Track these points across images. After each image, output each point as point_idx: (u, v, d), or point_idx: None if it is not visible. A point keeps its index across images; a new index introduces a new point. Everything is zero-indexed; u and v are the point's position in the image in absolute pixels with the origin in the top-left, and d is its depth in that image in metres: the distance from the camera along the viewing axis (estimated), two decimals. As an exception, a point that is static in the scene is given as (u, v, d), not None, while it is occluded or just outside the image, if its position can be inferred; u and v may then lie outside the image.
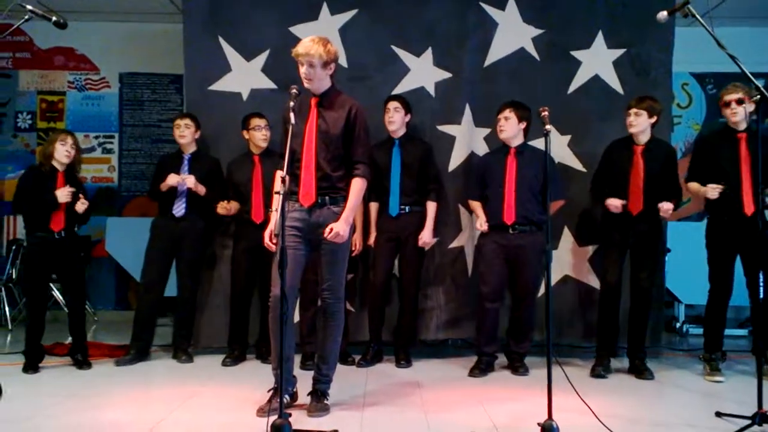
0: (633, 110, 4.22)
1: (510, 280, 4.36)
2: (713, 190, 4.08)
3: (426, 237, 4.47)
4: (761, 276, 3.21)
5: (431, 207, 4.53)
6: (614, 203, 4.23)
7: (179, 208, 4.59)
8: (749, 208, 4.05)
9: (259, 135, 4.58)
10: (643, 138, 4.25)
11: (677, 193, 4.29)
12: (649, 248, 4.28)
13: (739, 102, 4.09)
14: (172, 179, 4.52)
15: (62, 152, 4.34)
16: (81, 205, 4.32)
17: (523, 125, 4.33)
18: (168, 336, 4.94)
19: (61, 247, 4.33)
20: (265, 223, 4.32)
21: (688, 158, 4.51)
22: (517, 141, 4.35)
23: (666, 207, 4.12)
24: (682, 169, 4.39)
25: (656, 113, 4.22)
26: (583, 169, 4.83)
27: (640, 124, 4.21)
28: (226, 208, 4.56)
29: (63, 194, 4.26)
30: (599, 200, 4.40)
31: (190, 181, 4.53)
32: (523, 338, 4.43)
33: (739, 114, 4.11)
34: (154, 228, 4.68)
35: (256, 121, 4.60)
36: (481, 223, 4.36)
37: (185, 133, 4.66)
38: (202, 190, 4.57)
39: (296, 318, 4.47)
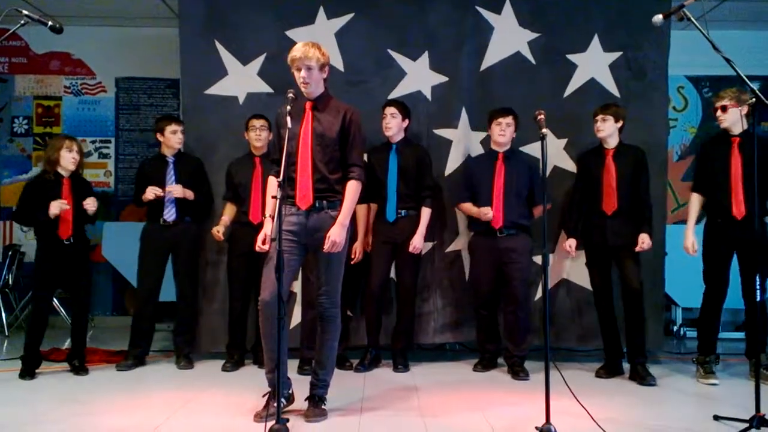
0: (599, 116, 4.34)
1: (501, 283, 4.40)
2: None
3: (416, 242, 4.44)
4: (758, 279, 3.21)
5: (425, 213, 4.51)
6: (568, 247, 4.39)
7: (170, 213, 4.57)
8: (738, 211, 4.07)
9: (252, 135, 4.58)
10: (612, 142, 4.35)
11: (645, 196, 4.29)
12: (632, 248, 4.23)
13: (723, 109, 4.12)
14: (150, 193, 4.48)
15: (68, 159, 4.32)
16: (91, 205, 4.30)
17: (515, 133, 4.46)
18: (165, 341, 4.92)
19: (71, 253, 4.32)
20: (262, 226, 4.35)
21: (684, 161, 4.52)
22: (508, 146, 4.48)
23: (647, 244, 4.19)
24: (677, 173, 4.40)
25: (621, 118, 4.34)
26: (580, 173, 4.83)
27: (607, 128, 4.32)
28: (217, 237, 4.58)
29: (55, 207, 4.21)
30: (567, 233, 4.50)
31: (177, 191, 4.51)
32: (521, 341, 4.43)
33: (726, 120, 4.15)
34: (145, 235, 4.64)
35: (252, 122, 4.61)
36: (485, 213, 4.34)
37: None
38: (190, 195, 4.57)
39: (296, 321, 4.48)
